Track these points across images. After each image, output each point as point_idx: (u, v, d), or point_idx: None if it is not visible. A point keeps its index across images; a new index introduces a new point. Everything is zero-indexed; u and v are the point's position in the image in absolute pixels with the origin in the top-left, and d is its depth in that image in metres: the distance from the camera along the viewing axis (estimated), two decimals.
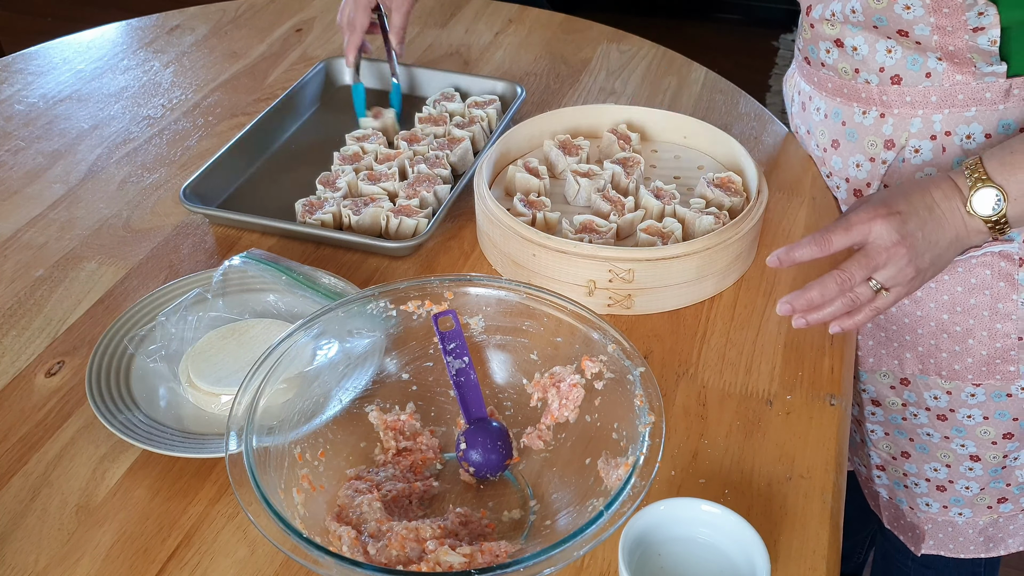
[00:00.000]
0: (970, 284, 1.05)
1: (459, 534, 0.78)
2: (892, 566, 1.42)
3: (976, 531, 1.24)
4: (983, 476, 1.18)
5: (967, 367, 1.09)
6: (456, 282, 0.87)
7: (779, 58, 3.42)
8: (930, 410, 1.15)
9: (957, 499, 1.22)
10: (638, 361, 0.80)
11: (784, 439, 0.90)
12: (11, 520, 0.83)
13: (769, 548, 0.70)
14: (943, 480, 1.21)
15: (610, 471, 0.77)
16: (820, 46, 1.06)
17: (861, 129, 1.06)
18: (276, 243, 1.13)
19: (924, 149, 1.02)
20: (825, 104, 1.10)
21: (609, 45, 1.55)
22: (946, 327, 1.08)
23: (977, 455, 1.16)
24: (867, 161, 1.07)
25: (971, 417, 1.13)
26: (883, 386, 1.18)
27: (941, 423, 1.15)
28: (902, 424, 1.19)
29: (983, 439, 1.15)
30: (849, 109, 1.06)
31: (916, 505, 1.25)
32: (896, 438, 1.22)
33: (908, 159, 1.04)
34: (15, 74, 1.47)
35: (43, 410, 0.93)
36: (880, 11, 0.96)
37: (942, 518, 1.24)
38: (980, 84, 0.98)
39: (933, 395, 1.13)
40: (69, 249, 1.13)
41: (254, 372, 0.79)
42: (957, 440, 1.16)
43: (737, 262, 1.06)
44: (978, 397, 1.11)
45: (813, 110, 1.12)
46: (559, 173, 1.19)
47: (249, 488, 0.72)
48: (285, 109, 1.32)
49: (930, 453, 1.19)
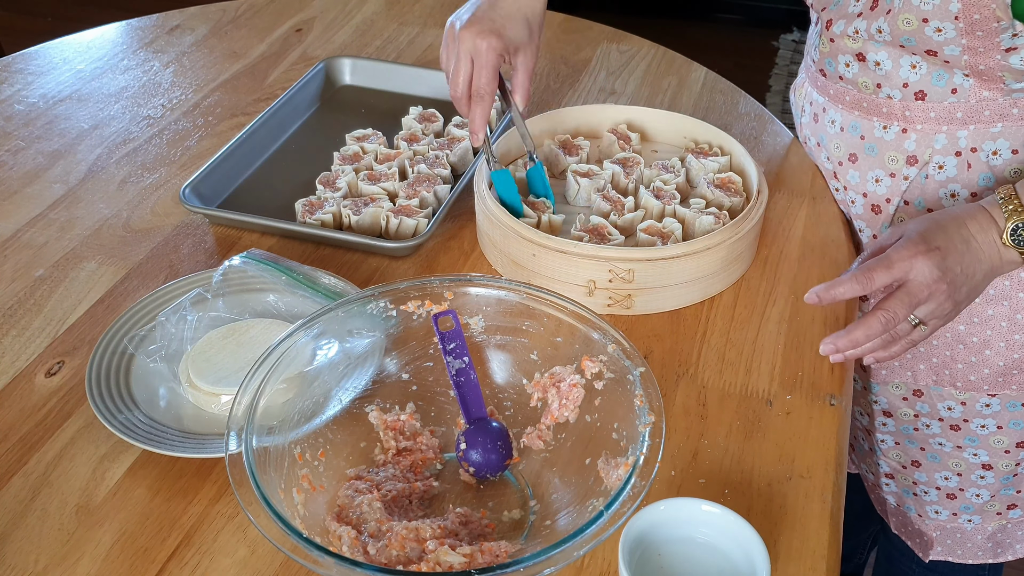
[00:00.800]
0: (988, 295, 1.04)
1: (459, 534, 0.78)
2: (895, 568, 1.41)
3: (985, 537, 1.23)
4: (994, 484, 1.18)
5: (983, 378, 1.09)
6: (456, 282, 0.87)
7: (779, 58, 3.42)
8: (943, 420, 1.14)
9: (967, 507, 1.21)
10: (638, 361, 0.80)
11: (784, 439, 0.90)
12: (11, 520, 0.83)
13: (769, 548, 0.70)
14: (953, 488, 1.20)
15: (610, 471, 0.77)
16: (839, 59, 1.04)
17: (881, 144, 1.04)
18: (276, 243, 1.12)
19: (948, 165, 1.01)
20: (841, 117, 1.08)
21: (609, 45, 1.54)
22: (962, 338, 1.07)
23: (989, 464, 1.16)
24: (887, 176, 1.05)
25: (985, 427, 1.12)
26: (895, 397, 1.17)
27: (954, 433, 1.14)
28: (913, 434, 1.19)
29: (996, 448, 1.14)
30: (868, 123, 1.04)
31: (925, 513, 1.25)
32: (907, 447, 1.21)
33: (931, 175, 1.02)
34: (15, 74, 1.47)
35: (43, 410, 0.93)
36: (910, 33, 0.94)
37: (951, 525, 1.24)
38: (1008, 100, 0.96)
39: (947, 406, 1.12)
40: (69, 249, 1.13)
41: (254, 372, 0.79)
42: (970, 449, 1.15)
43: (737, 262, 1.06)
44: (993, 407, 1.10)
45: (827, 122, 1.10)
46: (559, 173, 1.19)
47: (249, 488, 0.72)
48: (285, 109, 1.32)
49: (941, 462, 1.18)
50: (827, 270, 1.08)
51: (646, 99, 1.41)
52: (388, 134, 1.28)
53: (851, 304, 1.05)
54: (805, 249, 1.11)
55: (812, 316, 1.03)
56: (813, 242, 1.12)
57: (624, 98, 1.41)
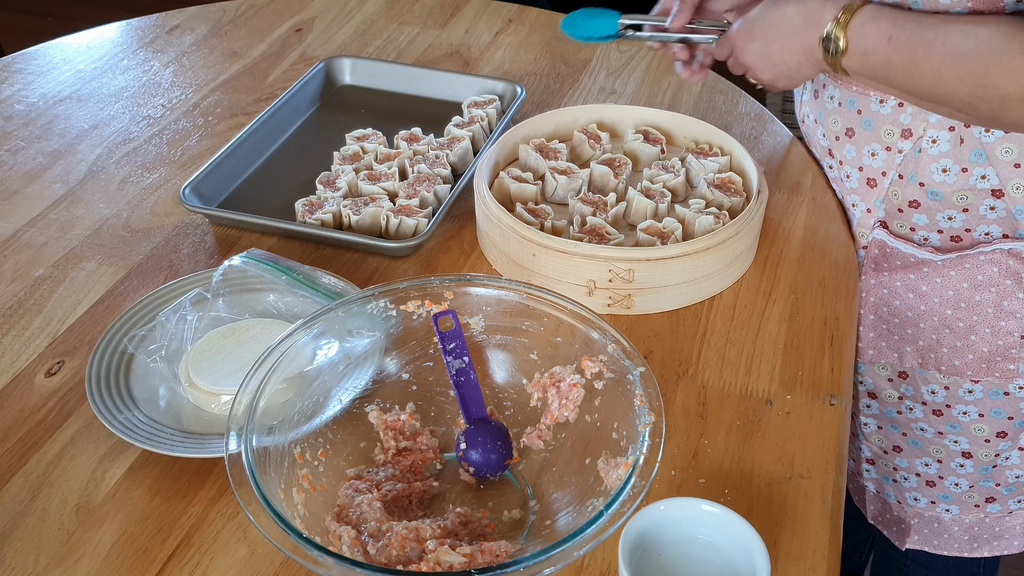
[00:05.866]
0: (976, 280, 1.05)
1: (459, 534, 0.78)
2: (891, 566, 1.42)
3: (962, 529, 1.24)
4: (973, 474, 1.19)
5: (967, 363, 1.10)
6: (456, 282, 0.87)
7: None
8: (926, 404, 1.15)
9: (946, 495, 1.22)
10: (638, 361, 0.80)
11: (784, 439, 0.90)
12: (11, 520, 0.83)
13: (769, 548, 0.70)
14: (933, 475, 1.21)
15: (610, 471, 0.77)
16: None
17: (878, 118, 1.05)
18: (276, 243, 1.13)
19: (942, 140, 1.01)
20: (840, 93, 1.08)
21: (609, 45, 1.54)
22: (949, 322, 1.08)
23: (969, 452, 1.17)
24: (883, 150, 1.06)
25: (967, 414, 1.13)
26: (881, 379, 1.18)
27: (936, 418, 1.16)
28: (896, 418, 1.20)
29: (977, 436, 1.15)
30: (866, 98, 1.05)
31: (904, 499, 1.26)
32: (889, 432, 1.22)
33: (925, 149, 1.03)
34: (15, 74, 1.47)
35: (43, 410, 0.93)
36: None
37: (929, 513, 1.25)
38: None
39: (931, 389, 1.14)
40: (69, 249, 1.13)
41: (254, 372, 0.79)
42: (951, 436, 1.16)
43: (737, 262, 1.06)
44: (975, 394, 1.11)
45: (827, 98, 1.11)
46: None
47: (249, 488, 0.72)
48: (285, 109, 1.32)
49: (922, 448, 1.20)
50: (827, 270, 1.08)
51: (646, 99, 1.41)
52: (388, 134, 1.28)
53: (851, 304, 1.05)
54: (805, 249, 1.11)
55: (812, 316, 1.03)
56: (813, 242, 1.12)
57: (624, 98, 1.41)
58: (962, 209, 1.03)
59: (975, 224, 1.03)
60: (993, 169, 0.99)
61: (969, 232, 1.04)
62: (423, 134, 1.26)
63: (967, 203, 1.02)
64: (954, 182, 1.01)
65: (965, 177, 1.00)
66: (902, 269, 1.09)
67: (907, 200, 1.05)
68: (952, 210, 1.03)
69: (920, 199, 1.04)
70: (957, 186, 1.01)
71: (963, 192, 1.01)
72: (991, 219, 1.02)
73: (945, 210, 1.03)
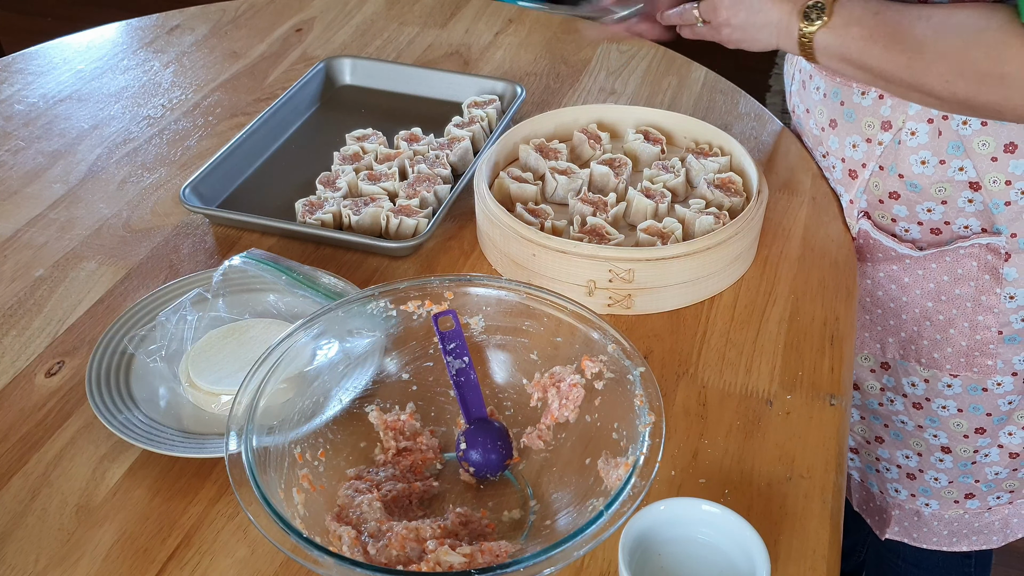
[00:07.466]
0: (956, 274, 1.06)
1: (459, 534, 0.78)
2: (884, 565, 1.42)
3: (941, 524, 1.25)
4: (952, 469, 1.20)
5: (946, 356, 1.11)
6: (456, 282, 0.87)
7: (779, 58, 3.42)
8: (907, 397, 1.16)
9: (925, 489, 1.23)
10: (638, 361, 0.80)
11: (784, 439, 0.90)
12: (11, 520, 0.83)
13: (769, 548, 0.70)
14: (913, 468, 1.22)
15: (610, 471, 0.77)
16: None
17: (859, 110, 1.06)
18: (276, 243, 1.13)
19: (920, 132, 1.02)
20: (824, 84, 1.10)
21: (609, 45, 1.54)
22: (929, 315, 1.09)
23: (948, 447, 1.18)
24: (864, 142, 1.07)
25: (946, 408, 1.14)
26: (863, 369, 1.19)
27: (916, 411, 1.17)
28: (878, 409, 1.21)
29: (955, 431, 1.16)
30: (848, 89, 1.06)
31: (886, 489, 1.27)
32: (871, 423, 1.23)
33: (904, 141, 1.04)
34: (15, 74, 1.47)
35: (43, 410, 0.93)
36: None
37: (909, 506, 1.26)
38: None
39: (911, 382, 1.15)
40: (69, 249, 1.13)
41: (254, 372, 0.79)
42: (930, 430, 1.17)
43: (737, 262, 1.06)
44: (954, 388, 1.12)
45: (813, 89, 1.12)
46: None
47: (249, 488, 0.72)
48: (285, 109, 1.32)
49: (903, 440, 1.21)
50: (827, 270, 1.08)
51: (646, 99, 1.41)
52: (388, 134, 1.28)
53: (851, 304, 1.05)
54: (805, 249, 1.11)
55: (812, 316, 1.03)
56: (813, 242, 1.12)
57: (624, 98, 1.41)
58: (940, 201, 1.04)
59: (954, 217, 1.04)
60: (971, 161, 1.00)
61: (948, 225, 1.05)
62: (423, 134, 1.26)
63: (945, 195, 1.03)
64: (932, 174, 1.02)
65: (943, 169, 1.01)
66: (885, 260, 1.10)
67: (887, 191, 1.06)
68: (931, 202, 1.04)
69: (900, 190, 1.05)
70: (935, 178, 1.02)
71: (941, 184, 1.02)
72: (969, 212, 1.03)
73: (924, 202, 1.05)
